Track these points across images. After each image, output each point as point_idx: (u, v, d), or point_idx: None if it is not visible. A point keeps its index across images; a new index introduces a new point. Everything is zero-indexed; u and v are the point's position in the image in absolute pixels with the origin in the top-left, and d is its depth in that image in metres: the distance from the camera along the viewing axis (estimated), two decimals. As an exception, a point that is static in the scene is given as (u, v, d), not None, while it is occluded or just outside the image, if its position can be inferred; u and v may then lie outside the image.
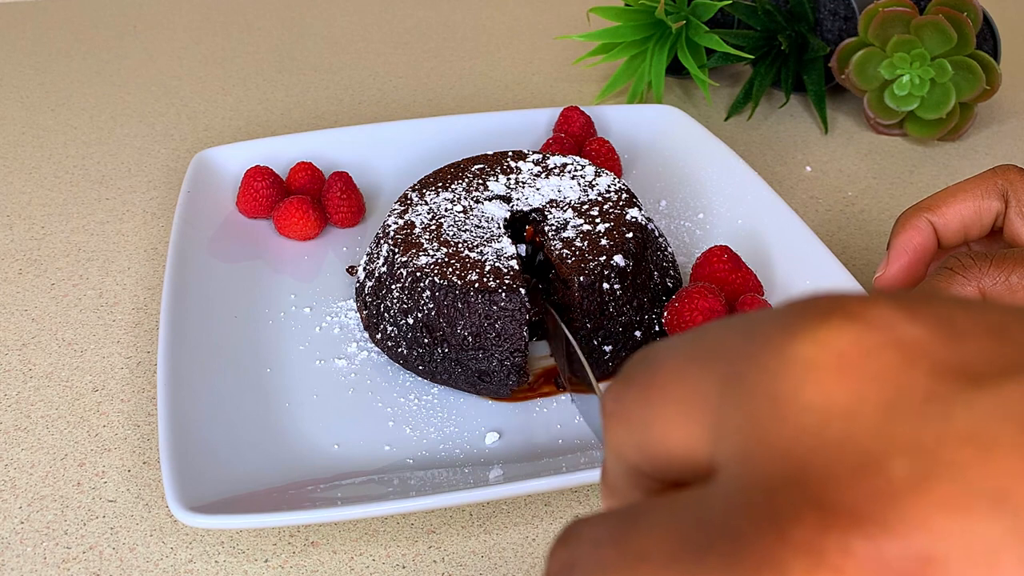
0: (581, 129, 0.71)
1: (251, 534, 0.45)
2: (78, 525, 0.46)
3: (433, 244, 0.54)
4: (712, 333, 0.17)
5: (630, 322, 0.53)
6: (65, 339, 0.58)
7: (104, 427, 0.51)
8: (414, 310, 0.52)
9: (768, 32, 0.80)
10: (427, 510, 0.44)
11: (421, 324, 0.52)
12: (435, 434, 0.49)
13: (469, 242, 0.54)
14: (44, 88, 0.89)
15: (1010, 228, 0.49)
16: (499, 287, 0.50)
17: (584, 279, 0.51)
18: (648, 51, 0.81)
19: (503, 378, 0.51)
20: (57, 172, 0.75)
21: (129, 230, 0.68)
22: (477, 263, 0.52)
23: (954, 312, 0.15)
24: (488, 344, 0.51)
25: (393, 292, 0.54)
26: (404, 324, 0.53)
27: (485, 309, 0.51)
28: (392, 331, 0.54)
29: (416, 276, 0.52)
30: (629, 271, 0.53)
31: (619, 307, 0.53)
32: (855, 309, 0.15)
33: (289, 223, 0.63)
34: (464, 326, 0.51)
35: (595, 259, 0.52)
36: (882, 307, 0.15)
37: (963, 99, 0.74)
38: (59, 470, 0.49)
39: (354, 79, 0.91)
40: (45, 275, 0.63)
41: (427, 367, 0.52)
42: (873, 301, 0.15)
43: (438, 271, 0.52)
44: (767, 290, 0.56)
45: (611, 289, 0.52)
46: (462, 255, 0.53)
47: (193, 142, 0.79)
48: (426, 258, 0.53)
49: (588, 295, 0.51)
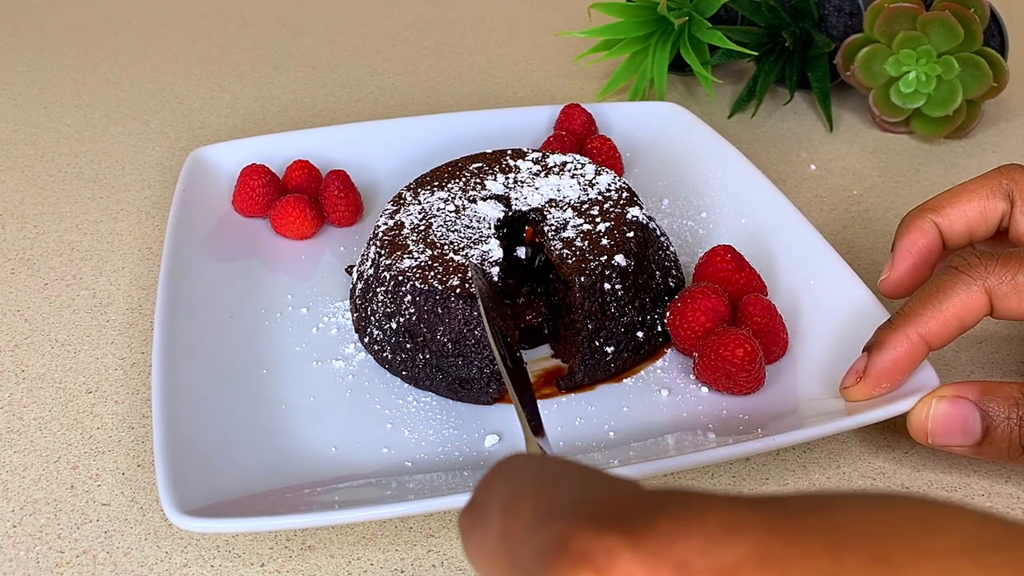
0: (582, 127, 0.71)
1: (247, 538, 0.45)
2: (71, 529, 0.46)
3: (419, 246, 0.53)
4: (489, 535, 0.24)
5: (632, 322, 0.53)
6: (58, 340, 0.58)
7: (98, 429, 0.51)
8: (396, 314, 0.52)
9: (772, 28, 0.80)
10: (426, 514, 0.44)
11: (403, 329, 0.52)
12: (434, 437, 0.49)
13: (456, 244, 0.53)
14: (37, 85, 0.89)
15: (1016, 228, 0.49)
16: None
17: (585, 279, 0.51)
18: (650, 48, 0.81)
19: (483, 386, 0.51)
20: (50, 170, 0.75)
21: (123, 229, 0.68)
22: (460, 267, 0.52)
23: (690, 558, 0.19)
24: (467, 351, 0.51)
25: (378, 295, 0.54)
26: (388, 328, 0.53)
27: (464, 315, 0.50)
28: (378, 335, 0.54)
29: (399, 280, 0.52)
30: (630, 271, 0.53)
31: (621, 307, 0.53)
32: (601, 564, 0.19)
33: (286, 222, 0.63)
34: (443, 332, 0.51)
35: (596, 259, 0.52)
36: (626, 563, 0.19)
37: (970, 96, 0.74)
38: (52, 473, 0.49)
39: (352, 76, 0.91)
40: (38, 275, 0.63)
41: (410, 372, 0.52)
42: (618, 554, 0.19)
43: (420, 275, 0.52)
44: (771, 290, 0.56)
45: (612, 289, 0.52)
46: (446, 258, 0.52)
47: (188, 140, 0.79)
48: (409, 261, 0.53)
49: (589, 296, 0.51)
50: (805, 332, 0.53)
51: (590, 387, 0.52)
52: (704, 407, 0.50)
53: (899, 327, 0.45)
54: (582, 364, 0.52)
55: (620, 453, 0.47)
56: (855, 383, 0.46)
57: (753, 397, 0.50)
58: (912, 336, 0.45)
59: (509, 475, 0.25)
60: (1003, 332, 0.57)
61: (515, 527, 0.22)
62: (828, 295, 0.54)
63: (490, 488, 0.25)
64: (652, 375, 0.53)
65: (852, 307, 0.53)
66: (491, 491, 0.25)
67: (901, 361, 0.45)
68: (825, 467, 0.49)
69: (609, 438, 0.49)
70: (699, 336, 0.51)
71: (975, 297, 0.44)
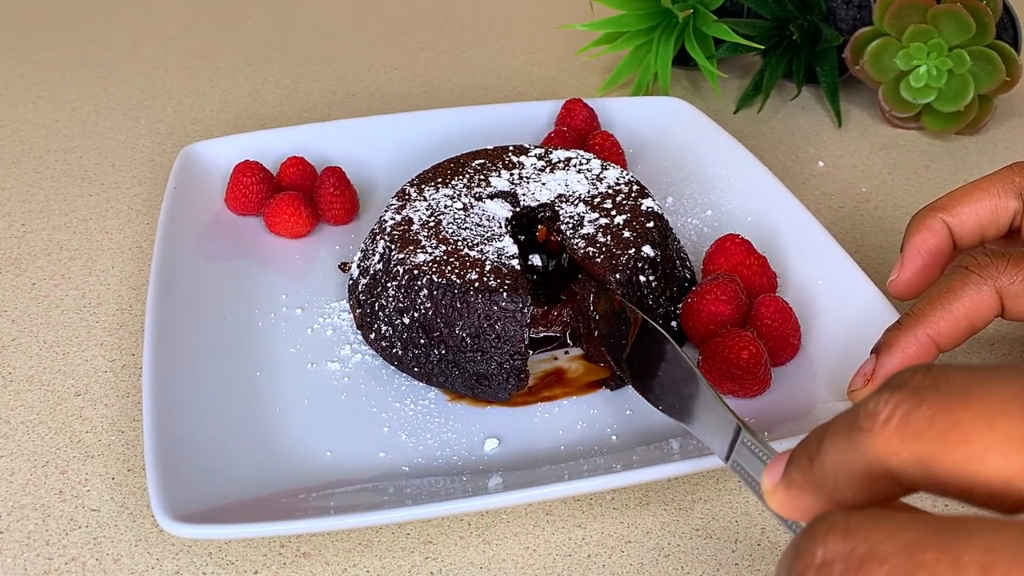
0: (584, 122, 0.71)
1: (240, 544, 0.45)
2: (60, 535, 0.46)
3: (431, 241, 0.54)
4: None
5: (667, 313, 0.54)
6: (46, 341, 0.58)
7: (87, 433, 0.51)
8: (410, 309, 0.52)
9: (779, 21, 0.80)
10: (424, 520, 0.44)
11: (418, 324, 0.52)
12: (432, 440, 0.49)
13: (469, 240, 0.54)
14: (24, 80, 0.89)
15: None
16: (500, 287, 0.50)
17: (620, 275, 0.51)
18: (654, 41, 0.81)
19: (502, 381, 0.51)
20: (38, 167, 0.75)
21: (113, 227, 0.68)
22: (477, 262, 0.52)
23: None
24: (487, 346, 0.51)
25: (389, 290, 0.54)
26: (400, 324, 0.53)
27: (485, 309, 0.51)
28: (387, 331, 0.54)
29: (413, 274, 0.52)
30: (659, 261, 0.53)
31: (656, 299, 0.53)
32: None
33: (280, 220, 0.63)
34: (463, 327, 0.51)
35: (624, 253, 0.52)
36: None
37: (982, 91, 0.74)
38: (40, 478, 0.49)
39: (348, 70, 0.91)
40: (25, 275, 0.63)
41: (423, 369, 0.52)
42: None
43: (436, 269, 0.52)
44: (780, 288, 0.56)
45: (647, 281, 0.52)
46: (461, 253, 0.53)
47: (180, 136, 0.79)
48: (424, 255, 0.53)
49: (627, 292, 0.52)
50: (813, 333, 0.53)
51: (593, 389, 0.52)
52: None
53: (908, 328, 0.45)
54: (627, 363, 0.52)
55: (623, 457, 0.47)
56: (863, 386, 0.46)
57: (760, 399, 0.50)
58: (921, 337, 0.45)
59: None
60: (1017, 334, 0.57)
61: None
62: (836, 295, 0.54)
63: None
64: (656, 377, 0.53)
65: (861, 308, 0.53)
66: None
67: (910, 363, 0.45)
68: (833, 472, 0.49)
69: (612, 442, 0.49)
70: (708, 334, 0.51)
71: (985, 297, 0.44)
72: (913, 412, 0.24)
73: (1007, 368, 0.24)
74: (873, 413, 0.25)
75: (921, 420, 0.24)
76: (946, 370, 0.25)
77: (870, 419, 0.25)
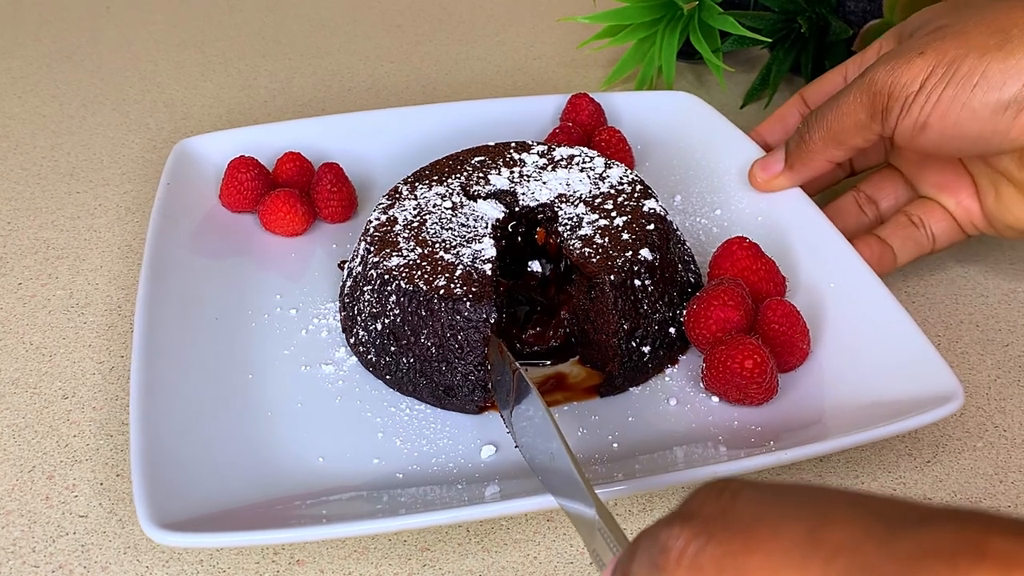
0: (590, 118, 0.71)
1: (232, 553, 0.45)
2: (47, 542, 0.46)
3: (409, 243, 0.53)
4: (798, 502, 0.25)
5: (664, 319, 0.53)
6: (33, 343, 0.58)
7: (75, 437, 0.51)
8: (382, 315, 0.52)
9: (787, 13, 0.80)
10: (419, 529, 0.44)
11: (388, 331, 0.52)
12: (427, 447, 0.49)
13: (449, 242, 0.53)
14: (10, 74, 0.89)
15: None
16: (465, 295, 0.50)
17: (615, 277, 0.51)
18: (658, 34, 0.81)
19: (468, 393, 0.51)
20: (24, 164, 0.75)
21: (101, 226, 0.68)
22: (449, 266, 0.52)
23: None
24: (451, 357, 0.51)
25: (365, 294, 0.54)
26: (374, 329, 0.53)
27: (448, 318, 0.50)
28: (363, 336, 0.54)
29: (384, 279, 0.52)
30: (657, 265, 0.53)
31: (652, 304, 0.53)
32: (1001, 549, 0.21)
33: (275, 218, 0.63)
34: (427, 335, 0.51)
35: (621, 255, 0.52)
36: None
37: (997, 86, 0.74)
38: (26, 483, 0.49)
39: (344, 64, 0.91)
40: (11, 274, 0.63)
41: (394, 377, 0.52)
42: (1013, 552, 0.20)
43: (406, 274, 0.52)
44: (790, 290, 0.56)
45: (643, 285, 0.52)
46: (436, 256, 0.52)
47: (171, 131, 0.79)
48: (398, 259, 0.53)
49: (621, 294, 0.51)
50: (824, 337, 0.53)
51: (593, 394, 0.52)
52: (714, 417, 0.50)
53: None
54: (621, 368, 0.52)
55: (624, 466, 0.47)
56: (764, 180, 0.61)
57: (767, 406, 0.50)
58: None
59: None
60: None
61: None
62: (849, 298, 0.54)
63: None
64: (660, 383, 0.53)
65: (873, 311, 0.53)
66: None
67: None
68: (843, 476, 0.49)
69: (613, 449, 0.49)
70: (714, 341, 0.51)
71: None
72: (701, 554, 0.25)
73: (796, 500, 0.25)
74: (665, 549, 0.26)
75: (709, 563, 0.25)
76: (736, 496, 0.26)
77: (663, 555, 0.26)
